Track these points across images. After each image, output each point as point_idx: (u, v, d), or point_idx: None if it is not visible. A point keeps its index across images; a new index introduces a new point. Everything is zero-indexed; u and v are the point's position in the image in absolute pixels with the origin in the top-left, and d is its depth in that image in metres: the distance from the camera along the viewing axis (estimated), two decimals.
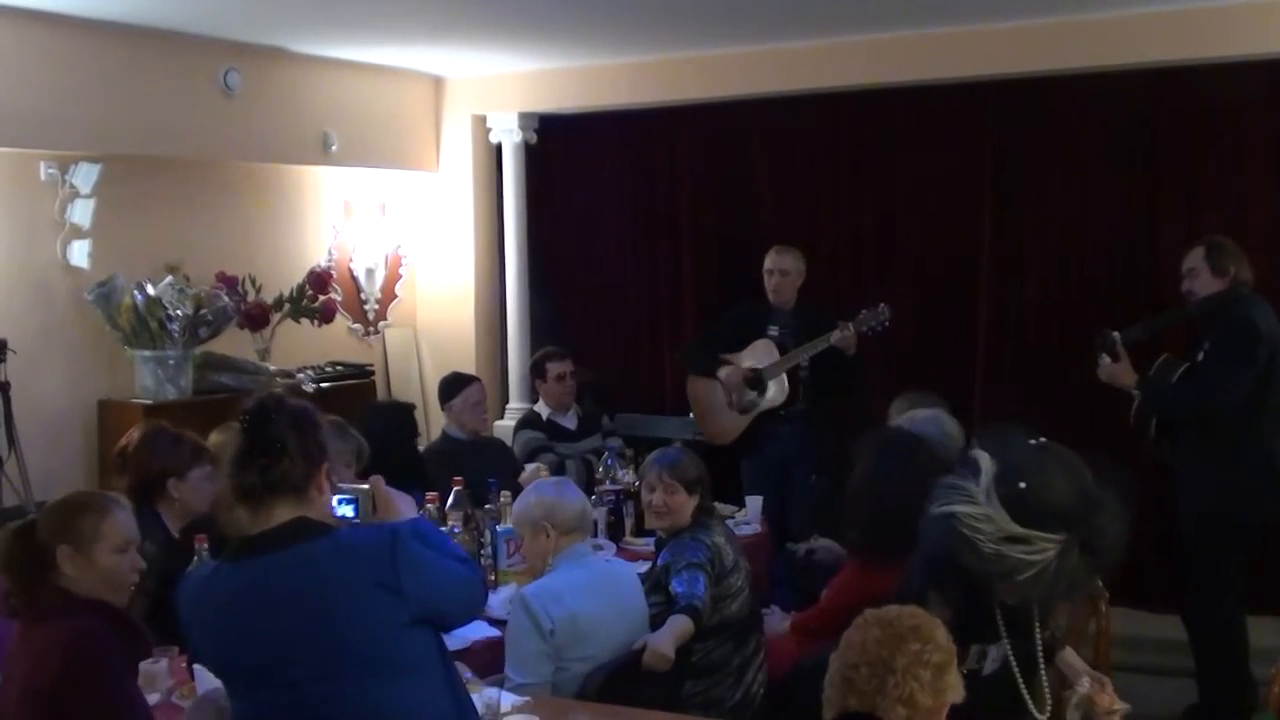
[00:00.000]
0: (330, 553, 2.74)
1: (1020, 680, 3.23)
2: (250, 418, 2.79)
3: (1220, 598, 5.29)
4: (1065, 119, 6.67)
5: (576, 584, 3.98)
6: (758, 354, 6.45)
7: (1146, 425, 5.40)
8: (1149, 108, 6.49)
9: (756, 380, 6.41)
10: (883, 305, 6.18)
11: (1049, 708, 3.27)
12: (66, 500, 3.29)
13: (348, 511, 4.34)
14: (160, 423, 4.71)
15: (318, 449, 2.82)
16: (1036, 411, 6.54)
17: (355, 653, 2.71)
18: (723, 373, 6.45)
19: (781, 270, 6.49)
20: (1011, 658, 3.23)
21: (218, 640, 2.81)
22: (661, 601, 4.25)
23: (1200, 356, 5.21)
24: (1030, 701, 3.22)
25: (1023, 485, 3.07)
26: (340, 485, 3.00)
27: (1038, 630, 3.26)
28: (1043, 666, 3.25)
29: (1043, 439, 3.23)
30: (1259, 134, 6.30)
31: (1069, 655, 3.40)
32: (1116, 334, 5.31)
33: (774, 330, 6.46)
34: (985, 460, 3.12)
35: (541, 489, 4.23)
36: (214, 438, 4.56)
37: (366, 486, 3.14)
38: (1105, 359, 5.30)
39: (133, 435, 4.39)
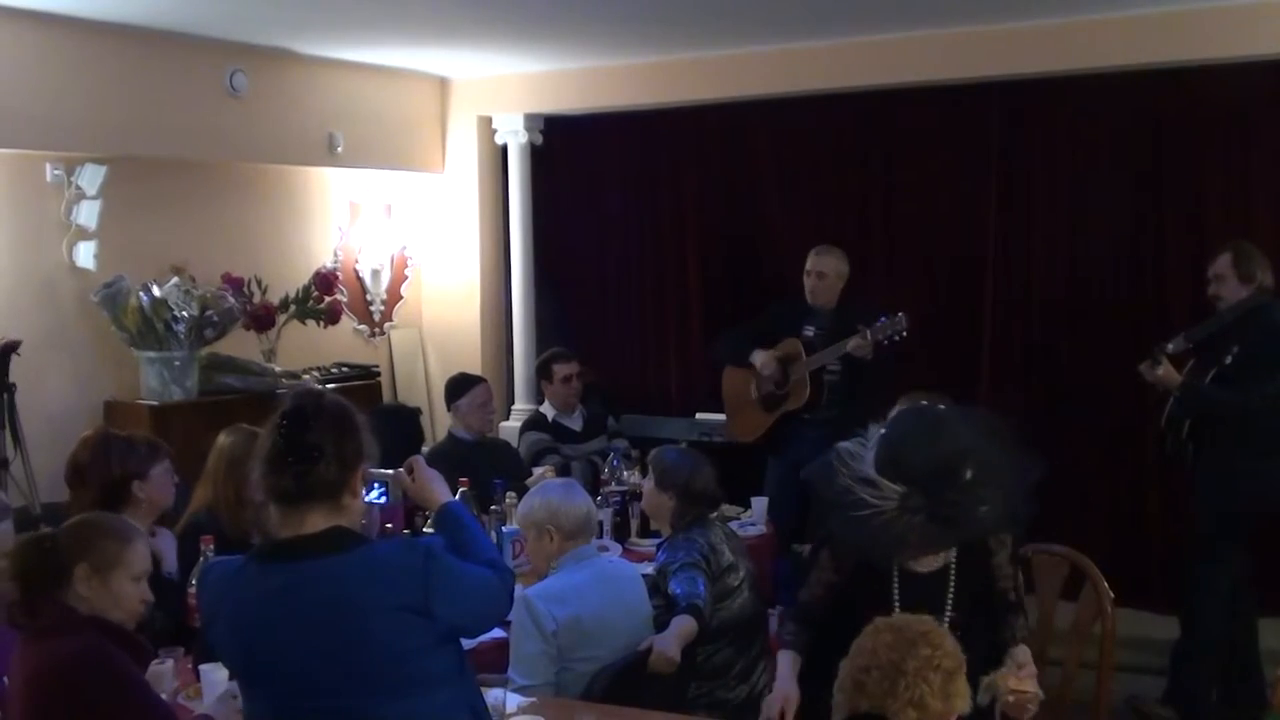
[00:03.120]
0: (362, 568, 2.68)
1: None
2: (289, 421, 2.71)
3: (1218, 582, 5.35)
4: (1070, 119, 6.66)
5: (580, 585, 3.97)
6: (784, 352, 6.36)
7: (1178, 427, 5.45)
8: (1154, 108, 6.48)
9: (783, 373, 6.32)
10: (900, 315, 6.02)
11: None
12: (92, 520, 3.27)
13: (376, 497, 4.37)
14: (105, 428, 4.68)
15: (355, 452, 2.75)
16: (1041, 410, 6.58)
17: (378, 671, 2.67)
18: (757, 358, 6.33)
19: (818, 272, 6.33)
20: None
21: (237, 640, 2.74)
22: (661, 605, 4.24)
23: (1229, 360, 5.26)
24: None
25: (883, 432, 3.28)
26: (369, 471, 2.92)
27: (949, 610, 3.38)
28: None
29: (943, 406, 3.42)
30: (1265, 134, 6.28)
31: (1019, 650, 3.43)
32: (1169, 345, 5.38)
33: (809, 330, 6.32)
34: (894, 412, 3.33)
35: (547, 490, 4.21)
36: (222, 439, 4.55)
37: (392, 473, 3.11)
38: (1156, 369, 5.36)
39: (79, 448, 4.29)
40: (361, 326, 7.72)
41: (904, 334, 6.01)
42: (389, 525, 4.47)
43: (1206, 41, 5.97)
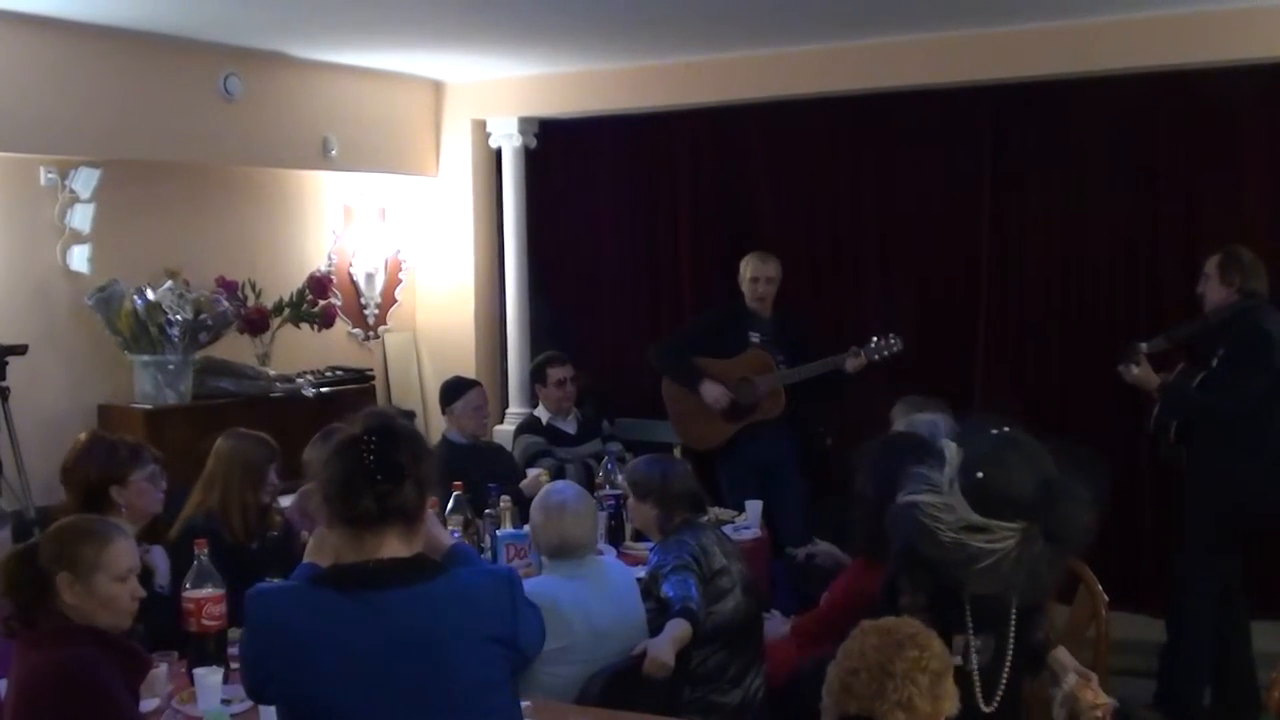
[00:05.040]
0: (454, 597, 2.60)
1: (976, 671, 3.22)
2: (378, 440, 2.61)
3: (1206, 585, 5.38)
4: (1065, 123, 6.65)
5: (574, 588, 3.99)
6: (750, 366, 6.40)
7: (1166, 429, 5.50)
8: (1149, 111, 6.47)
9: (746, 389, 6.36)
10: (894, 336, 6.16)
11: (998, 700, 3.24)
12: (68, 526, 3.22)
13: None
14: (97, 431, 4.68)
15: (429, 476, 2.67)
16: (1038, 413, 6.48)
17: (462, 702, 2.59)
18: (708, 395, 6.38)
19: (768, 277, 6.45)
20: (975, 651, 3.23)
21: (305, 670, 2.54)
22: (653, 608, 4.23)
23: (1214, 363, 5.31)
24: (979, 691, 3.21)
25: (980, 475, 3.10)
26: None
27: (1011, 623, 3.27)
28: (1008, 660, 3.26)
29: (1005, 428, 3.26)
30: (1258, 138, 6.29)
31: (1060, 653, 3.41)
32: (1143, 345, 5.45)
33: (755, 337, 6.42)
34: (951, 451, 3.18)
35: (550, 499, 4.20)
36: (225, 444, 4.55)
37: None
38: (1132, 368, 5.43)
39: (70, 451, 4.26)
40: (356, 330, 7.69)
41: (899, 352, 6.17)
42: None
43: (1200, 45, 5.98)
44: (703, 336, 6.57)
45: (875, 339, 6.16)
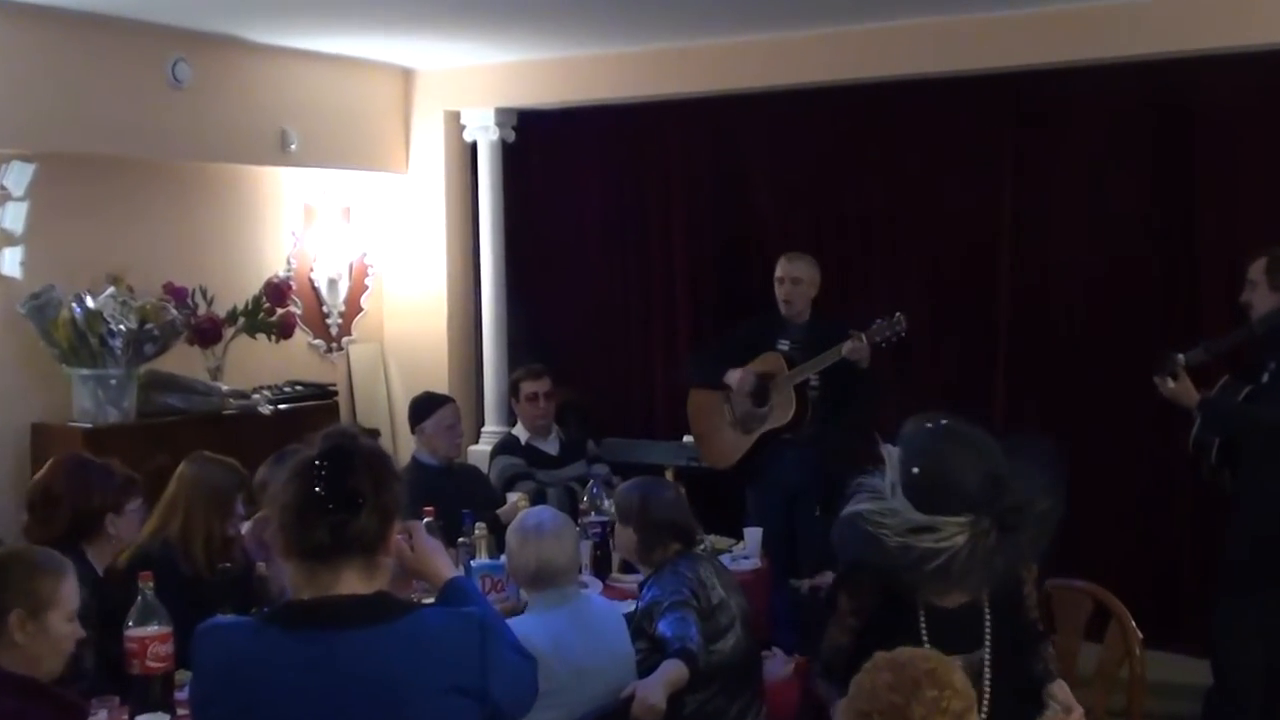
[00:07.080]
0: (412, 644, 2.49)
1: None
2: (330, 464, 2.51)
3: (1252, 621, 5.16)
4: (1092, 112, 6.46)
5: (555, 625, 3.86)
6: (765, 368, 6.26)
7: (1206, 450, 5.31)
8: (1184, 100, 6.29)
9: (762, 390, 6.21)
10: (898, 314, 5.97)
11: None
12: (21, 557, 3.19)
13: None
14: (78, 453, 4.61)
15: (393, 502, 2.57)
16: (1063, 418, 6.44)
17: None
18: (730, 377, 6.26)
19: (793, 278, 6.27)
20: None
21: (251, 715, 2.49)
22: (645, 648, 4.10)
23: (1265, 378, 5.13)
24: None
25: (915, 470, 3.16)
26: None
27: (987, 638, 3.27)
28: (987, 678, 3.24)
29: (942, 420, 3.29)
30: None
31: (1057, 688, 3.29)
32: (1181, 356, 5.26)
33: (784, 344, 6.28)
34: (891, 454, 3.23)
35: (525, 523, 4.06)
36: (190, 469, 4.46)
37: None
38: (1169, 381, 5.25)
39: (52, 471, 4.17)
40: (317, 341, 7.62)
41: (903, 334, 5.99)
42: None
43: (1242, 26, 5.76)
44: (734, 346, 6.45)
45: (878, 320, 5.99)
